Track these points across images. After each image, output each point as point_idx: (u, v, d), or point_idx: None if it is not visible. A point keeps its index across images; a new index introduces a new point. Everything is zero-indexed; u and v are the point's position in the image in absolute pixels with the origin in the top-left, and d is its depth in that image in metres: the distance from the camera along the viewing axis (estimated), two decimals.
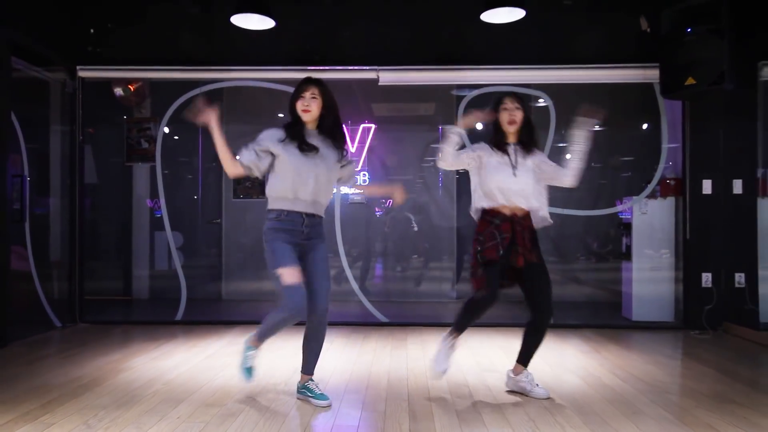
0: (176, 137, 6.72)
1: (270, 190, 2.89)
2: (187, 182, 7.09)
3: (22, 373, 3.50)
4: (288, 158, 2.81)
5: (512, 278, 3.09)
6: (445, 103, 6.50)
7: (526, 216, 3.08)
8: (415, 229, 7.02)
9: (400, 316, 5.49)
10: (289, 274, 2.76)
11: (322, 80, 2.95)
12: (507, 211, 3.04)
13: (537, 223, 3.12)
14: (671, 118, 5.25)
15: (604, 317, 5.57)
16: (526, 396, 3.08)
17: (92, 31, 5.19)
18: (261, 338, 2.97)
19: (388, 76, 5.16)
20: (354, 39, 5.22)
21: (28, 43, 4.62)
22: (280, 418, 2.71)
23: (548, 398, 3.04)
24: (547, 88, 5.31)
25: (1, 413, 2.73)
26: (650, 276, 5.30)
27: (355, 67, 5.19)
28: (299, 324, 2.91)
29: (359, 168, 6.45)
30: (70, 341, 4.47)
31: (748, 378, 3.51)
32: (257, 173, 2.89)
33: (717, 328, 4.95)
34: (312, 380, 3.03)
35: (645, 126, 5.82)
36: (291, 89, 5.09)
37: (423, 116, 7.19)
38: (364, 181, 6.63)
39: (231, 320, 5.30)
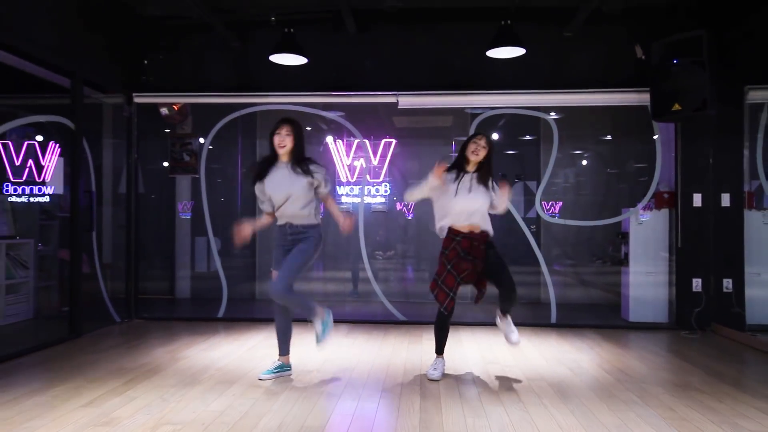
0: (218, 154, 7.42)
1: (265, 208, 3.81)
2: (226, 192, 7.78)
3: (100, 359, 4.20)
4: (265, 190, 3.68)
5: (482, 282, 3.80)
6: (459, 118, 7.09)
7: (481, 232, 3.76)
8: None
9: (417, 315, 6.08)
10: (274, 275, 3.72)
11: (295, 120, 3.75)
12: (465, 229, 3.73)
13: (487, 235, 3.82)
14: (665, 137, 5.76)
15: (605, 318, 6.08)
16: (517, 381, 3.66)
17: (146, 62, 5.90)
18: (281, 350, 3.90)
19: (407, 101, 5.77)
20: (376, 67, 5.84)
21: (96, 75, 5.34)
22: (314, 397, 3.34)
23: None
24: (550, 110, 5.86)
25: (94, 388, 3.42)
26: (646, 280, 5.80)
27: (377, 93, 5.80)
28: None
29: (381, 179, 7.06)
30: (131, 334, 5.17)
31: (718, 371, 4.02)
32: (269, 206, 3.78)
33: (706, 329, 5.44)
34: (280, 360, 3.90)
35: (642, 143, 6.32)
36: (320, 112, 5.82)
37: (440, 128, 7.77)
38: (386, 190, 7.26)
39: (266, 318, 5.94)
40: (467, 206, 3.72)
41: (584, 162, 7.51)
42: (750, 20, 5.17)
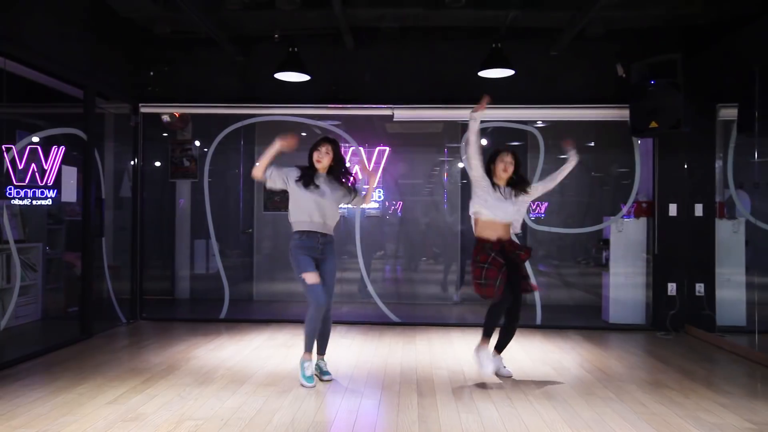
0: (220, 160, 7.68)
1: (292, 217, 3.93)
2: (226, 197, 8.03)
3: (114, 359, 4.47)
4: (300, 193, 3.85)
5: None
6: (450, 126, 7.42)
7: (510, 241, 4.06)
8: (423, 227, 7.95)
9: (410, 316, 6.40)
10: (311, 277, 3.79)
11: (336, 140, 4.03)
12: (494, 237, 3.99)
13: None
14: (644, 150, 6.13)
15: (587, 319, 6.44)
16: (506, 379, 4.00)
17: (152, 74, 6.15)
18: (308, 347, 3.93)
19: (402, 113, 6.08)
20: (372, 81, 6.14)
21: (105, 87, 5.59)
22: (321, 394, 3.65)
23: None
24: (536, 123, 6.22)
25: (116, 387, 3.70)
26: (625, 284, 6.18)
27: (373, 105, 6.11)
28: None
29: (375, 185, 7.37)
30: (139, 335, 5.44)
31: (688, 370, 4.39)
32: (268, 184, 3.89)
33: (679, 330, 5.83)
34: (323, 360, 4.08)
35: (623, 156, 6.69)
36: (318, 122, 6.12)
37: (432, 134, 8.08)
38: (380, 196, 7.59)
39: (266, 318, 6.24)
40: (507, 213, 4.01)
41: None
42: (721, 44, 5.55)
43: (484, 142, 7.14)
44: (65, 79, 5.04)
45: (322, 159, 3.91)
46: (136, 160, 6.16)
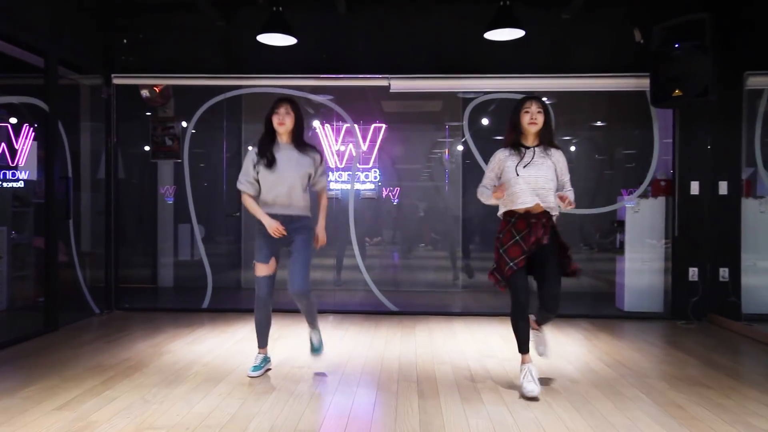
0: (202, 138, 7.16)
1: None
2: (210, 178, 7.53)
3: (77, 354, 3.98)
4: (263, 173, 3.39)
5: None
6: (451, 103, 6.89)
7: (542, 213, 3.27)
8: (422, 214, 7.44)
9: (408, 305, 5.93)
10: (259, 268, 3.45)
11: (293, 98, 3.52)
12: (522, 210, 3.28)
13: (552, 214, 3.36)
14: (663, 123, 5.63)
15: (599, 308, 5.98)
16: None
17: (125, 41, 5.60)
18: (259, 342, 3.59)
19: (399, 84, 5.56)
20: (367, 49, 5.61)
21: (72, 55, 5.05)
22: (306, 397, 3.16)
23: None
24: (545, 95, 5.69)
25: (70, 388, 3.21)
26: (641, 270, 5.71)
27: (368, 75, 5.58)
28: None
29: (371, 165, 6.86)
30: (111, 326, 4.95)
31: (720, 364, 3.92)
32: (253, 192, 3.49)
33: (702, 319, 5.36)
34: (316, 331, 3.72)
35: (639, 130, 6.20)
36: (308, 95, 5.54)
37: (430, 113, 7.57)
38: (376, 177, 7.06)
39: (253, 308, 5.74)
40: (529, 185, 3.23)
41: (578, 148, 7.37)
42: (752, 5, 5.03)
43: (486, 121, 6.63)
44: (22, 44, 4.50)
45: (285, 121, 3.41)
46: (109, 136, 5.63)
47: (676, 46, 4.74)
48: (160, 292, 7.02)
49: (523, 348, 3.30)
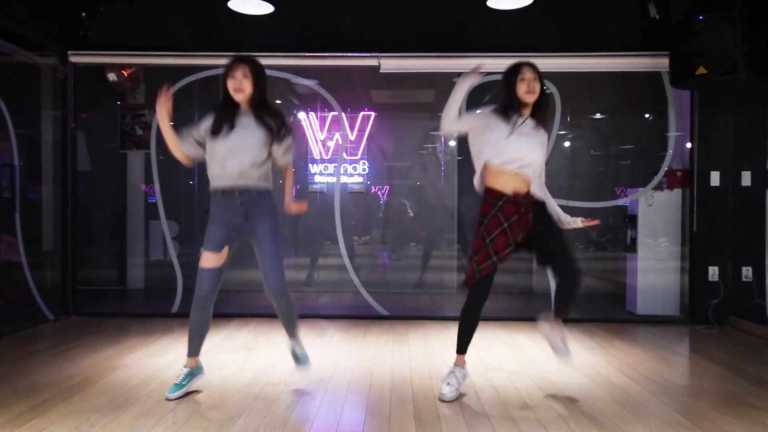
0: (172, 124, 6.57)
1: (208, 172, 2.95)
2: (182, 170, 6.93)
3: (12, 371, 3.38)
4: (212, 143, 2.87)
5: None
6: (445, 91, 6.34)
7: (528, 194, 2.94)
8: (411, 214, 6.91)
9: (400, 308, 5.39)
10: (206, 258, 2.91)
11: (254, 58, 2.92)
12: (509, 189, 2.89)
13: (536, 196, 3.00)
14: (679, 108, 5.14)
15: (609, 311, 5.48)
16: (536, 394, 2.99)
17: (83, 14, 4.99)
18: (189, 349, 3.01)
19: (390, 64, 5.01)
20: (355, 25, 5.05)
21: (18, 26, 4.45)
22: (280, 424, 2.61)
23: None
24: (552, 76, 5.17)
25: None
26: (656, 269, 5.21)
27: (356, 54, 5.04)
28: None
29: (359, 157, 6.31)
30: (63, 335, 4.36)
31: (757, 377, 3.42)
32: (194, 158, 3.00)
33: (723, 323, 4.87)
34: (296, 340, 3.23)
35: (652, 116, 5.71)
36: (291, 76, 4.88)
37: (423, 103, 7.04)
38: (364, 169, 6.50)
39: (228, 313, 5.17)
40: (521, 154, 2.88)
41: (583, 137, 6.86)
42: None
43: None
44: None
45: (242, 86, 2.85)
46: (66, 122, 5.04)
47: (700, 18, 4.23)
48: (129, 295, 6.43)
49: (462, 348, 3.04)
